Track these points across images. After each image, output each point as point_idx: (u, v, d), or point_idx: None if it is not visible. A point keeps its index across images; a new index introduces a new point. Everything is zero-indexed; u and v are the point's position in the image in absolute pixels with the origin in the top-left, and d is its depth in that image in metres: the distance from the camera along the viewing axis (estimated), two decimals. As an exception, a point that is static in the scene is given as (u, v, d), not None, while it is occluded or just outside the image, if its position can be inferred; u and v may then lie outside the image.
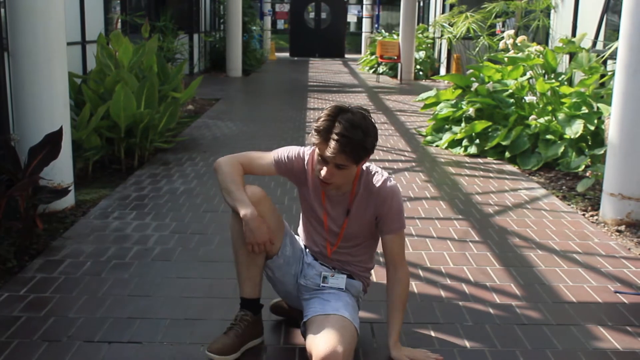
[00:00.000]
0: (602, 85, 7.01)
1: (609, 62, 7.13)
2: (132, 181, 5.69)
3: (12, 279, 3.54)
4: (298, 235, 3.03)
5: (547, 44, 9.47)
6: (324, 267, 2.87)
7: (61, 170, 4.67)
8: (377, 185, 2.71)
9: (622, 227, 4.60)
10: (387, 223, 2.74)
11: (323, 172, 2.59)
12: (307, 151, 2.82)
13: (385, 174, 2.77)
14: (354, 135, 2.51)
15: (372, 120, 2.63)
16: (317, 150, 2.60)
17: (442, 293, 3.48)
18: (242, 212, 2.64)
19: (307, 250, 2.95)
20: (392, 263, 2.77)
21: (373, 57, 18.49)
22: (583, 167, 5.94)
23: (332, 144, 2.52)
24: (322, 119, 2.57)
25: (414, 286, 3.52)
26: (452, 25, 10.24)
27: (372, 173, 2.76)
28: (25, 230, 3.99)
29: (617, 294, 3.50)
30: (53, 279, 3.54)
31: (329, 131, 2.53)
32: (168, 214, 4.77)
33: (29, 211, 4.02)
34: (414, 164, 6.73)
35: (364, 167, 2.75)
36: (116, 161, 6.17)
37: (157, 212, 4.81)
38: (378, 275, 3.53)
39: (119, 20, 9.65)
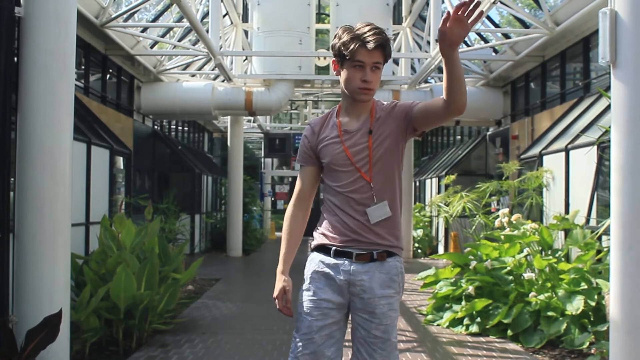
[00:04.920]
0: (599, 260, 7.06)
1: (604, 237, 7.23)
2: (128, 364, 5.57)
3: None
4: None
5: (541, 221, 9.64)
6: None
7: (57, 353, 4.60)
8: (392, 102, 2.96)
9: (633, 408, 4.44)
10: (410, 105, 2.90)
11: (363, 76, 2.77)
12: (306, 129, 3.02)
13: None
14: (381, 30, 2.77)
15: None
16: (350, 62, 2.77)
17: None
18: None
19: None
20: (436, 101, 2.84)
21: (372, 235, 18.67)
22: (587, 344, 5.85)
23: (370, 38, 2.72)
24: (342, 37, 2.79)
25: None
26: (448, 205, 10.47)
27: (381, 101, 2.99)
28: (17, 417, 3.87)
29: None
30: None
31: (357, 37, 2.75)
32: (164, 398, 4.64)
33: (22, 396, 3.92)
34: (415, 344, 6.62)
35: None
36: (114, 342, 6.08)
37: (153, 396, 4.68)
38: None
39: (123, 203, 9.90)
